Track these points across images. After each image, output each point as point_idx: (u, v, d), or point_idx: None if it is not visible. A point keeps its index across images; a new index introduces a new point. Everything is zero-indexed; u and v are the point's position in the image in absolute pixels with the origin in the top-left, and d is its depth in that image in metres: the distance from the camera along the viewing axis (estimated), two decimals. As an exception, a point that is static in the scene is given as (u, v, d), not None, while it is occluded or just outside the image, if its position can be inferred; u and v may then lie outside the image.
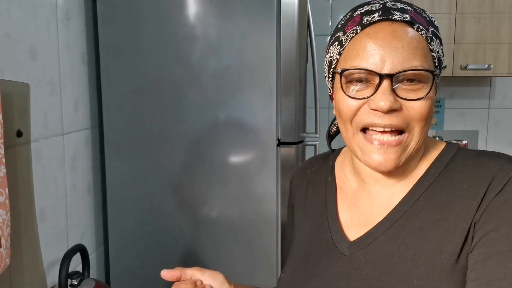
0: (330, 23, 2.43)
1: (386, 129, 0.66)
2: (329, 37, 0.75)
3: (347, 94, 0.67)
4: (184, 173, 1.42)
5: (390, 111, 0.64)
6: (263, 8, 1.33)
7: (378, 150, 0.67)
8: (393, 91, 0.64)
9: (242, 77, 1.36)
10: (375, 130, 0.67)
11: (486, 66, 2.14)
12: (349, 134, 0.70)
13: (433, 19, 0.70)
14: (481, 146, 2.58)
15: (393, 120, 0.65)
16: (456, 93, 2.55)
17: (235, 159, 1.39)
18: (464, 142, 2.54)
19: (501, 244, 0.60)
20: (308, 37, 1.52)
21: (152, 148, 1.42)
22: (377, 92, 0.65)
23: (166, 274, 0.74)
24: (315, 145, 1.55)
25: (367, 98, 0.66)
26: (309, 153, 1.52)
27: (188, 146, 1.40)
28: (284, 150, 1.38)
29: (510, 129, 2.56)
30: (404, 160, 0.67)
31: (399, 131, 0.66)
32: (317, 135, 1.56)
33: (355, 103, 0.67)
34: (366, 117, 0.66)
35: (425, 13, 0.70)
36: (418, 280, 0.63)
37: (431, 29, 0.67)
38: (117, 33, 1.39)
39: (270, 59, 1.34)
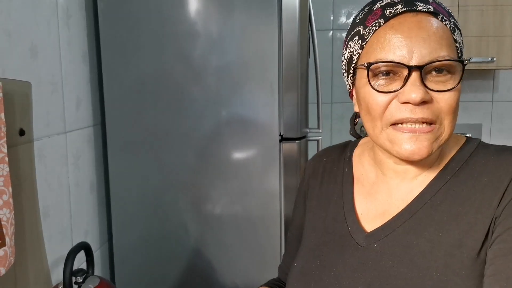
0: (331, 18, 2.41)
1: (417, 125, 0.64)
2: (346, 33, 0.74)
3: (375, 88, 0.65)
4: (187, 170, 1.42)
5: (421, 103, 0.63)
6: (264, 3, 1.32)
7: (410, 139, 0.64)
8: (423, 82, 0.63)
9: (243, 73, 1.36)
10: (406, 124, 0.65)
11: (490, 59, 2.12)
12: (376, 130, 0.68)
13: (450, 11, 0.69)
14: (484, 140, 2.56)
15: (424, 113, 0.63)
16: (459, 86, 2.54)
17: (238, 155, 1.39)
18: (468, 135, 2.52)
19: None
20: (310, 32, 1.51)
21: (155, 145, 1.42)
22: (406, 84, 0.63)
23: None
24: (317, 141, 1.54)
25: (396, 91, 0.64)
26: (312, 149, 1.51)
27: (190, 143, 1.40)
28: (286, 145, 1.38)
29: (514, 122, 2.55)
30: (436, 149, 0.65)
31: (429, 124, 0.65)
32: (320, 131, 1.56)
33: (384, 98, 0.65)
34: (397, 112, 0.65)
35: (443, 5, 0.69)
36: (437, 273, 0.63)
37: (452, 20, 0.67)
38: (118, 31, 1.39)
39: (272, 55, 1.34)
